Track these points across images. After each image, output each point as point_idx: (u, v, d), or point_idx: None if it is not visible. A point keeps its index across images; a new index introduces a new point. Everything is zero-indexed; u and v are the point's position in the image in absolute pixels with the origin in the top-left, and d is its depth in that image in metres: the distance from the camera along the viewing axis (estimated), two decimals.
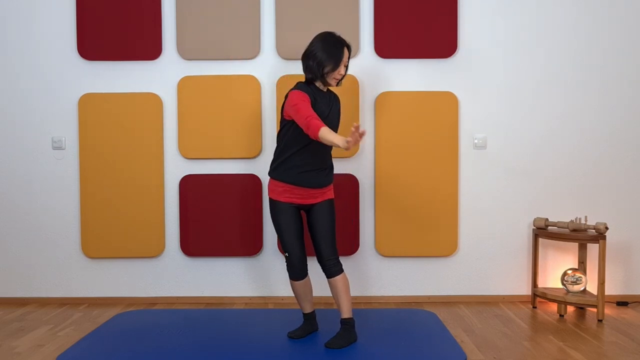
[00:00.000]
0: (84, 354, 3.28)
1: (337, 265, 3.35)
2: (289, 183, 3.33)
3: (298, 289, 3.47)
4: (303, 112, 3.14)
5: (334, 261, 3.35)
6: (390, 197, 4.32)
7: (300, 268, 3.40)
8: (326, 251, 3.35)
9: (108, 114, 4.31)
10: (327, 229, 3.37)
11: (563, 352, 3.35)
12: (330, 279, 3.36)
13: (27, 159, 4.37)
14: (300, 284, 3.45)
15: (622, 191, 4.36)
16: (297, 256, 3.38)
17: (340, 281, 3.34)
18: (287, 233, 3.38)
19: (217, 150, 4.32)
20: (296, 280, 3.43)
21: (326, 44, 3.32)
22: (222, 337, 3.52)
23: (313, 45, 3.35)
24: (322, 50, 3.30)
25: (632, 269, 4.39)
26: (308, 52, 3.36)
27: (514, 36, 4.32)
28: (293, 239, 3.38)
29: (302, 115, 3.13)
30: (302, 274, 3.43)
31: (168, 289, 4.41)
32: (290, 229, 3.37)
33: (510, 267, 4.40)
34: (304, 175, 3.32)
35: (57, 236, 4.38)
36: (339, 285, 3.34)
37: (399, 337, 3.49)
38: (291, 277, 3.44)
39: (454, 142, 4.32)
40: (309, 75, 3.35)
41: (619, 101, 4.34)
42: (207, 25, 4.28)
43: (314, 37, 3.39)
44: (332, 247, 3.37)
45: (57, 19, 4.31)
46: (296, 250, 3.38)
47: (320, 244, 3.37)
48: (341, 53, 3.31)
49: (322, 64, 3.29)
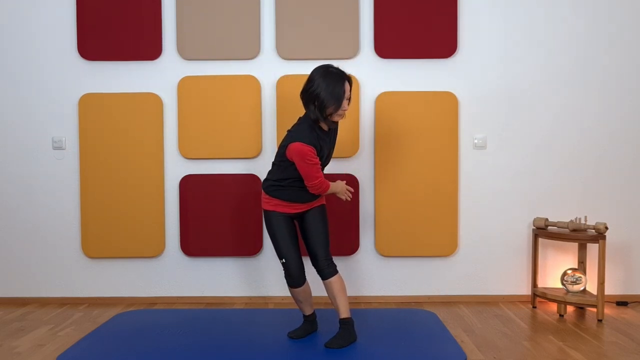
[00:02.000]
0: (84, 354, 3.28)
1: (330, 266, 3.35)
2: (284, 200, 3.38)
3: (298, 296, 3.47)
4: (312, 174, 3.25)
5: (327, 262, 3.35)
6: (390, 197, 4.32)
7: (298, 275, 3.40)
8: (319, 252, 3.36)
9: (108, 114, 4.31)
10: (320, 231, 3.39)
11: (563, 352, 3.35)
12: (325, 280, 3.36)
13: (28, 159, 4.37)
14: (300, 290, 3.44)
15: (622, 191, 4.36)
16: (295, 262, 3.38)
17: (335, 282, 3.34)
18: (283, 241, 3.38)
19: (217, 150, 4.32)
20: (295, 287, 3.43)
21: (328, 81, 3.20)
22: (222, 337, 3.52)
23: (314, 83, 3.22)
24: (324, 90, 3.19)
25: (631, 269, 4.39)
26: (310, 92, 3.23)
27: (513, 36, 4.32)
28: (289, 245, 3.38)
29: (311, 177, 3.25)
30: (301, 280, 3.42)
31: (168, 289, 4.41)
32: (285, 237, 3.38)
33: (510, 267, 4.40)
34: (299, 193, 3.37)
35: (57, 236, 4.39)
36: (334, 287, 3.34)
37: (399, 337, 3.49)
38: (290, 285, 3.43)
39: (454, 142, 4.32)
40: (313, 117, 3.26)
41: (619, 101, 4.35)
42: (207, 25, 4.28)
43: (313, 73, 3.27)
44: (324, 248, 3.38)
45: (58, 19, 4.31)
46: (293, 256, 3.38)
47: (313, 246, 3.38)
48: (342, 90, 3.22)
49: (324, 105, 3.20)
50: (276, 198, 3.38)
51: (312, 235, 3.40)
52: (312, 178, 3.24)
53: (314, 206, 3.44)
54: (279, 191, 3.36)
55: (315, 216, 3.42)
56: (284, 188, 3.35)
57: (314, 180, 3.25)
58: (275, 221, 3.39)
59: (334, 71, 3.26)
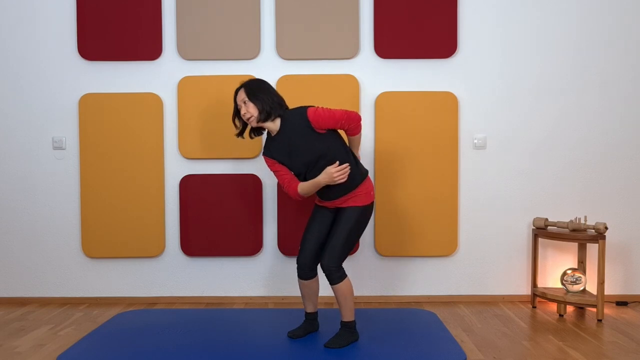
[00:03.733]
0: (84, 354, 3.29)
1: (334, 274, 3.27)
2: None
3: (303, 289, 3.48)
4: (280, 182, 3.39)
5: (330, 270, 3.26)
6: (390, 197, 4.32)
7: (304, 266, 3.40)
8: (325, 260, 3.27)
9: (108, 114, 4.31)
10: (337, 237, 3.28)
11: (563, 351, 3.35)
12: (331, 285, 3.34)
13: (28, 159, 4.37)
14: (306, 283, 3.45)
15: (622, 191, 4.37)
16: (304, 253, 3.40)
17: (339, 289, 3.30)
18: (306, 230, 3.45)
19: (217, 150, 4.32)
20: (302, 279, 3.44)
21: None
22: (222, 337, 3.53)
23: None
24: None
25: (631, 269, 4.40)
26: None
27: (513, 36, 4.33)
28: (308, 236, 3.41)
29: (354, 117, 3.30)
30: (308, 274, 3.42)
31: (168, 289, 4.41)
32: (309, 227, 3.44)
33: (510, 267, 4.40)
34: (320, 195, 3.41)
35: (57, 236, 4.39)
36: (337, 293, 3.32)
37: (399, 337, 3.49)
38: (298, 274, 3.45)
39: (454, 142, 4.32)
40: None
41: (618, 101, 4.35)
42: (207, 25, 4.29)
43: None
44: (333, 256, 3.26)
45: (58, 19, 4.32)
46: (305, 245, 3.40)
47: (325, 251, 3.30)
48: (235, 102, 3.37)
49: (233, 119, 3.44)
50: None
51: (329, 240, 3.32)
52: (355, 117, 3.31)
53: (346, 205, 3.33)
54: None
55: (339, 219, 3.33)
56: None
57: (284, 188, 3.34)
58: (313, 211, 3.50)
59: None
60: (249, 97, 3.28)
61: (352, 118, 3.29)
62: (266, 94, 3.29)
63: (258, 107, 3.28)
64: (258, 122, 3.31)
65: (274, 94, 3.33)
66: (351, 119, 3.28)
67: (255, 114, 3.28)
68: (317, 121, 3.22)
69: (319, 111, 3.24)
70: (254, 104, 3.28)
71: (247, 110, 3.29)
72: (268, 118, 3.29)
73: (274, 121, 3.32)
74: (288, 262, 4.38)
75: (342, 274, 3.29)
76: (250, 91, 3.30)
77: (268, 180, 4.34)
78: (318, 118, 3.22)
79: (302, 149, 3.28)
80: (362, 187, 3.33)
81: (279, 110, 3.31)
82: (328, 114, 3.24)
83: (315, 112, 3.23)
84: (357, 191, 3.33)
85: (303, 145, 3.27)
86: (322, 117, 3.23)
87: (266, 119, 3.29)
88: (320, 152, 3.26)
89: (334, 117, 3.24)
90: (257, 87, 3.32)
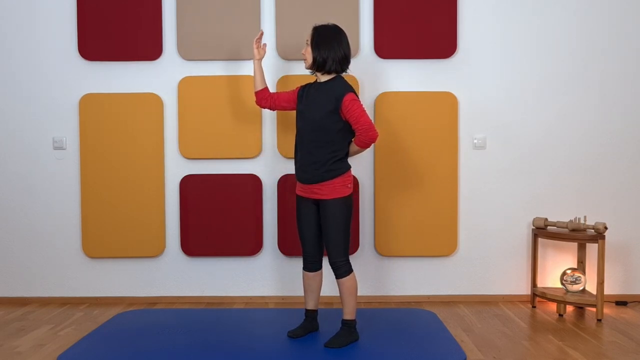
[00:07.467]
0: (84, 354, 3.29)
1: (340, 268, 3.33)
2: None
3: (305, 281, 3.51)
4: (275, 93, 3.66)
5: (337, 264, 3.33)
6: (390, 197, 4.33)
7: (312, 258, 3.45)
8: (332, 256, 3.34)
9: (108, 114, 4.31)
10: (328, 231, 3.33)
11: (562, 351, 3.36)
12: (336, 279, 3.37)
13: (28, 159, 4.37)
14: (309, 275, 3.49)
15: (622, 191, 4.37)
16: (308, 245, 3.45)
17: (343, 284, 3.34)
18: (298, 223, 3.48)
19: (217, 150, 4.32)
20: (306, 270, 3.49)
21: None
22: (222, 337, 3.53)
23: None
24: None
25: (631, 269, 4.40)
26: None
27: (513, 36, 4.33)
28: (302, 229, 3.45)
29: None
30: (312, 266, 3.47)
31: (168, 288, 4.42)
32: (300, 224, 3.46)
33: (509, 267, 4.40)
34: (298, 169, 3.40)
35: (57, 236, 4.39)
36: (342, 288, 3.35)
37: (399, 337, 3.50)
38: (303, 266, 3.50)
39: (454, 142, 4.32)
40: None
41: (618, 101, 4.35)
42: (207, 25, 4.29)
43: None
44: (338, 252, 3.32)
45: (58, 20, 4.32)
46: (306, 239, 3.45)
47: (328, 249, 3.36)
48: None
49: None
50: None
51: (324, 234, 3.36)
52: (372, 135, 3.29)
53: (325, 198, 3.30)
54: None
55: (324, 213, 3.32)
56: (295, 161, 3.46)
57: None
58: (297, 203, 3.48)
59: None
60: (311, 42, 3.31)
61: (369, 134, 3.27)
62: (328, 49, 3.27)
63: (314, 56, 3.30)
64: (308, 68, 3.36)
65: (338, 51, 3.29)
66: (368, 133, 3.26)
67: (310, 61, 3.32)
68: (346, 107, 3.24)
69: (354, 103, 3.25)
70: (312, 51, 3.31)
71: (305, 51, 3.34)
72: (320, 70, 3.32)
73: (324, 75, 3.34)
74: (288, 262, 4.39)
75: (349, 268, 3.35)
76: (316, 37, 3.31)
77: (268, 180, 4.35)
78: (348, 106, 3.24)
79: (316, 113, 3.30)
80: (340, 179, 3.34)
81: (333, 70, 3.31)
82: (357, 112, 3.24)
83: (351, 101, 3.24)
84: (334, 181, 3.32)
85: (320, 111, 3.29)
86: (350, 109, 3.24)
87: (318, 69, 3.33)
88: (325, 128, 3.28)
89: (357, 118, 3.25)
90: (325, 36, 3.30)
